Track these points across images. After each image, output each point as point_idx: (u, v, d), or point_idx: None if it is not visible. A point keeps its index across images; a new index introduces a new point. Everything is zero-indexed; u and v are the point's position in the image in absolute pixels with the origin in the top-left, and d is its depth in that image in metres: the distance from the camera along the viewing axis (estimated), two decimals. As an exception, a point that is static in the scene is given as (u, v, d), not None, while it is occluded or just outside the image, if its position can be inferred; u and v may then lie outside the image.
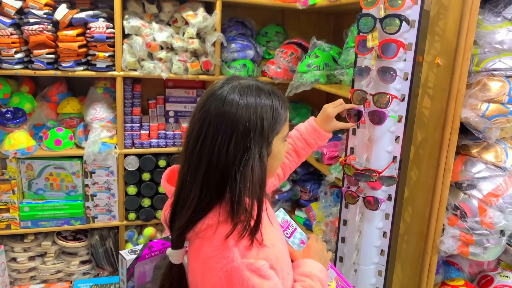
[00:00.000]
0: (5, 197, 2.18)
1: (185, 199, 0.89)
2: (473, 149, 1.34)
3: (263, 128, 0.88)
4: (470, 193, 1.32)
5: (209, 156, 0.86)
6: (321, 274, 1.06)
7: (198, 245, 0.89)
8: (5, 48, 1.96)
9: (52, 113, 2.31)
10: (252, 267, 0.84)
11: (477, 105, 1.25)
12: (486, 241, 1.32)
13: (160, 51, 2.16)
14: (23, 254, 2.30)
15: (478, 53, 1.27)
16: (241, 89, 0.89)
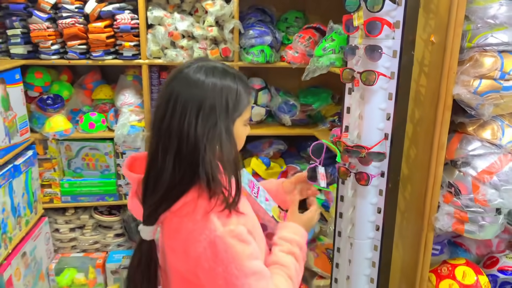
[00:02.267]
0: (47, 175, 2.42)
1: (157, 175, 0.93)
2: (469, 126, 1.34)
3: (228, 107, 0.93)
4: (465, 171, 1.32)
5: (178, 132, 0.91)
6: (302, 239, 1.11)
7: (177, 223, 0.93)
8: (43, 40, 2.18)
9: (87, 99, 2.51)
10: (234, 233, 0.90)
11: (469, 81, 1.24)
12: (482, 219, 1.32)
13: (181, 40, 2.29)
14: (65, 226, 2.55)
15: (471, 29, 1.26)
16: (207, 69, 0.95)
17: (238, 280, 0.90)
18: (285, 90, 2.64)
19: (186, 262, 0.95)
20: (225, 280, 0.90)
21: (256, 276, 0.93)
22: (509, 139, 1.30)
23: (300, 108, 2.56)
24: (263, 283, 0.94)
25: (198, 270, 0.93)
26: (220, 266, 0.89)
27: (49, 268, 2.44)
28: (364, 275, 1.46)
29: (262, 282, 0.94)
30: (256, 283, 0.92)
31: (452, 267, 1.48)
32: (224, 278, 0.90)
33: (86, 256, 2.55)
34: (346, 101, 1.39)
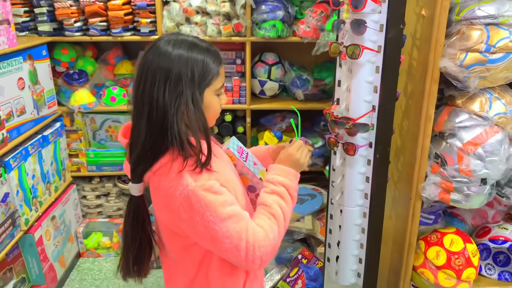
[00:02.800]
0: (74, 145, 2.61)
1: (135, 137, 1.04)
2: (458, 99, 1.35)
3: (193, 77, 1.01)
4: (451, 142, 1.35)
5: (149, 99, 1.00)
6: (287, 177, 1.13)
7: (156, 182, 1.04)
8: (66, 18, 2.32)
9: (110, 74, 2.66)
10: (205, 187, 1.00)
11: (455, 54, 1.26)
12: (467, 189, 1.35)
13: (195, 16, 2.37)
14: (91, 193, 2.75)
15: (459, 2, 1.27)
16: (175, 42, 1.03)
17: (216, 225, 0.99)
18: (300, 65, 2.68)
19: (169, 216, 1.06)
20: (204, 226, 1.00)
21: (232, 219, 1.01)
22: (496, 111, 1.31)
23: (313, 83, 2.60)
24: (241, 223, 1.01)
25: (179, 222, 1.04)
26: (197, 215, 0.99)
27: (78, 231, 2.66)
28: (353, 240, 1.53)
29: (241, 223, 1.01)
30: (234, 225, 1.00)
31: (441, 235, 1.53)
32: (203, 225, 0.99)
33: (110, 222, 2.75)
34: (337, 74, 1.44)
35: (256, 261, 1.01)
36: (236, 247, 1.00)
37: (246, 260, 1.01)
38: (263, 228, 1.03)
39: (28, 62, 2.16)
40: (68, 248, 2.56)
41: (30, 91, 2.17)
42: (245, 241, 1.00)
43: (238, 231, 1.00)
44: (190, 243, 1.10)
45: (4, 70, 1.94)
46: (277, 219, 1.07)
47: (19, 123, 2.07)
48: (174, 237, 1.12)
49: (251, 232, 1.01)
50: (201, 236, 1.02)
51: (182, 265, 1.16)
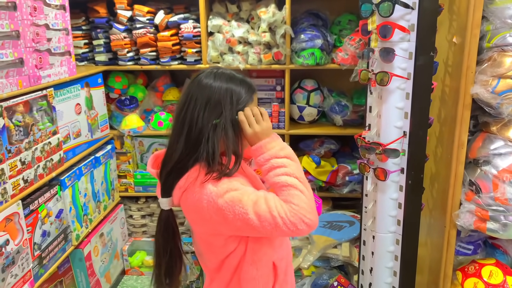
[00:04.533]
0: (123, 166, 2.78)
1: (171, 153, 1.17)
2: (493, 126, 1.33)
3: (232, 102, 1.16)
4: (486, 169, 1.32)
5: (190, 120, 1.15)
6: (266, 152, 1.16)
7: (184, 200, 1.16)
8: (120, 49, 2.53)
9: (158, 100, 2.83)
10: (225, 189, 1.10)
11: (487, 81, 1.25)
12: (504, 218, 1.31)
13: (238, 45, 2.49)
14: (137, 213, 2.89)
15: (491, 29, 1.26)
16: (215, 75, 1.18)
17: (248, 215, 1.07)
18: (339, 91, 2.72)
19: (206, 226, 1.16)
20: (241, 221, 1.08)
21: (258, 203, 1.08)
22: (532, 138, 1.28)
23: (352, 109, 2.62)
24: (268, 203, 1.08)
25: (219, 227, 1.14)
26: (229, 214, 1.08)
27: (123, 249, 2.79)
28: (386, 267, 1.52)
29: (266, 203, 1.08)
30: (262, 207, 1.07)
31: (479, 266, 1.48)
32: (239, 220, 1.08)
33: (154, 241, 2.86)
34: (368, 100, 1.47)
35: (300, 227, 1.07)
36: (276, 225, 1.07)
37: (290, 230, 1.07)
38: (286, 200, 1.09)
39: (85, 89, 2.36)
40: (114, 265, 2.69)
41: (86, 115, 2.36)
42: (279, 217, 1.07)
43: (269, 211, 1.07)
44: (229, 252, 1.20)
45: (64, 96, 2.14)
46: (288, 185, 1.11)
47: (75, 145, 2.26)
48: (211, 248, 1.23)
49: (279, 207, 1.08)
50: (244, 230, 1.11)
51: (219, 272, 1.26)
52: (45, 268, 1.93)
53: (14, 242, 1.67)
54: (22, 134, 1.73)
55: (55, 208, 2.02)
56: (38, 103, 1.84)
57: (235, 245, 1.19)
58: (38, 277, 1.87)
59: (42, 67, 1.89)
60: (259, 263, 1.21)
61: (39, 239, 1.87)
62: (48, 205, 1.95)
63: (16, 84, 1.70)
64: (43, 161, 1.89)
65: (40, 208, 1.88)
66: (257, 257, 1.21)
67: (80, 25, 2.57)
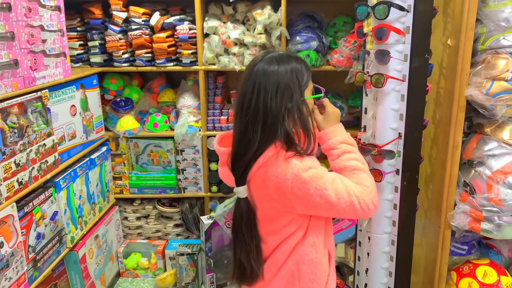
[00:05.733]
0: (118, 168, 2.77)
1: (247, 144, 1.20)
2: (487, 127, 1.35)
3: (299, 83, 1.20)
4: (480, 170, 1.33)
5: (263, 108, 1.18)
6: (337, 136, 1.26)
7: (263, 173, 1.20)
8: (116, 50, 2.52)
9: (154, 102, 2.83)
10: (308, 166, 1.15)
11: (481, 83, 1.26)
12: (498, 218, 1.32)
13: (234, 47, 2.49)
14: (132, 215, 2.88)
15: (485, 32, 1.28)
16: (277, 59, 1.21)
17: (327, 190, 1.13)
18: (334, 93, 2.73)
19: (282, 200, 1.19)
20: (319, 196, 1.14)
21: (336, 181, 1.15)
22: (526, 139, 1.30)
23: (347, 110, 2.63)
24: (345, 182, 1.16)
25: (294, 201, 1.17)
26: (310, 189, 1.14)
27: (118, 251, 2.78)
28: (382, 268, 1.52)
29: (344, 181, 1.16)
30: (340, 185, 1.15)
31: (474, 266, 1.49)
32: (318, 196, 1.14)
33: (149, 243, 2.86)
34: (364, 102, 1.47)
35: (370, 207, 1.16)
36: (351, 203, 1.15)
37: (362, 210, 1.15)
38: (358, 183, 1.17)
39: (80, 90, 2.35)
40: (109, 267, 2.68)
41: (81, 117, 2.35)
42: (354, 196, 1.14)
43: (346, 189, 1.14)
44: (290, 233, 1.25)
45: (59, 98, 2.13)
46: (359, 169, 1.21)
47: (70, 147, 2.24)
48: (275, 228, 1.26)
49: (354, 187, 1.16)
50: (320, 206, 1.16)
51: (271, 256, 1.29)
52: (39, 271, 1.92)
53: (9, 245, 1.66)
54: (17, 136, 1.72)
55: (50, 210, 2.01)
56: (33, 104, 1.83)
57: (297, 226, 1.24)
58: (33, 280, 1.86)
59: (37, 69, 1.88)
60: (319, 246, 1.26)
61: (33, 242, 1.86)
62: (43, 207, 1.94)
63: (10, 85, 1.70)
64: (38, 163, 1.88)
65: (35, 211, 1.87)
66: (318, 240, 1.26)
67: (75, 26, 2.56)
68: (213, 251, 2.53)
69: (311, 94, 1.26)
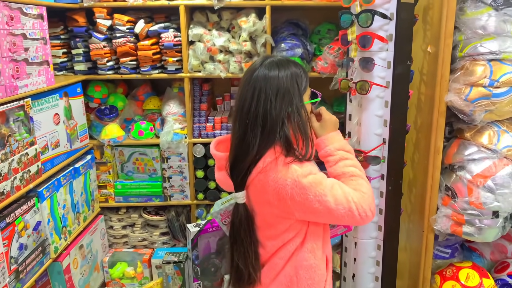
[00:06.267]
0: (103, 177, 2.74)
1: (246, 148, 1.20)
2: (467, 132, 1.38)
3: (299, 87, 1.21)
4: (461, 175, 1.36)
5: (263, 113, 1.19)
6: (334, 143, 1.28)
7: (263, 179, 1.20)
8: (100, 58, 2.51)
9: (139, 110, 2.81)
10: (307, 172, 1.16)
11: (460, 89, 1.29)
12: (479, 221, 1.35)
13: (219, 54, 2.50)
14: (118, 224, 2.85)
15: (463, 39, 1.31)
16: (277, 64, 1.22)
17: (327, 196, 1.15)
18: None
19: (281, 205, 1.19)
20: (319, 202, 1.15)
21: (335, 187, 1.17)
22: (505, 144, 1.33)
23: (332, 117, 2.65)
24: (343, 188, 1.17)
25: (293, 207, 1.18)
26: (309, 194, 1.15)
27: (104, 261, 2.74)
28: (368, 273, 1.54)
29: (343, 188, 1.17)
30: (339, 191, 1.16)
31: (457, 269, 1.51)
32: (317, 201, 1.15)
33: (135, 252, 2.82)
34: (348, 108, 1.49)
35: (368, 214, 1.17)
36: (349, 209, 1.15)
37: (360, 216, 1.16)
38: (356, 189, 1.18)
39: (64, 99, 2.32)
40: (94, 277, 2.64)
41: (65, 125, 2.33)
42: (353, 202, 1.15)
43: (344, 196, 1.16)
44: (288, 239, 1.25)
45: (42, 106, 2.10)
46: (357, 175, 1.22)
47: (53, 156, 2.22)
48: (273, 233, 1.26)
49: (352, 194, 1.16)
50: (319, 212, 1.16)
51: (269, 262, 1.29)
52: (22, 282, 1.88)
53: (-10, 256, 1.63)
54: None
55: (33, 221, 1.97)
56: (15, 113, 1.81)
57: (295, 232, 1.24)
58: (15, 291, 1.83)
59: (19, 77, 1.86)
60: (317, 252, 1.26)
61: (15, 253, 1.82)
62: (25, 217, 1.90)
63: (-8, 94, 1.67)
64: (20, 173, 1.85)
65: (17, 221, 1.83)
66: (316, 245, 1.26)
67: (59, 34, 2.54)
68: (200, 259, 2.51)
69: (309, 99, 1.28)
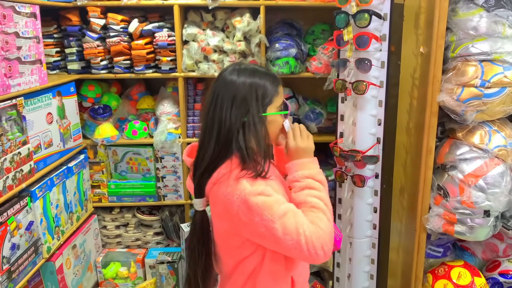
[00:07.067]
0: (97, 176, 2.73)
1: (203, 154, 1.18)
2: (459, 132, 1.39)
3: (258, 97, 1.15)
4: (452, 174, 1.37)
5: (218, 120, 1.14)
6: (304, 170, 1.17)
7: (216, 191, 1.15)
8: (93, 57, 2.50)
9: (133, 109, 2.80)
10: (259, 191, 1.09)
11: (452, 89, 1.31)
12: (470, 221, 1.36)
13: (213, 54, 2.50)
14: (111, 223, 2.84)
15: (455, 40, 1.33)
16: (239, 71, 1.18)
17: (275, 223, 1.06)
18: (313, 99, 2.76)
19: (229, 222, 1.14)
20: (265, 227, 1.07)
21: (288, 215, 1.07)
22: (496, 144, 1.34)
23: (326, 116, 2.66)
24: (297, 218, 1.08)
25: (240, 227, 1.12)
26: (256, 217, 1.07)
27: (97, 261, 2.73)
28: (364, 272, 1.55)
29: (296, 218, 1.08)
30: (291, 220, 1.07)
31: (449, 268, 1.52)
32: (263, 226, 1.07)
33: (128, 252, 2.82)
34: (340, 109, 1.50)
35: (319, 252, 1.05)
36: (297, 242, 1.05)
37: (309, 253, 1.04)
38: (313, 222, 1.08)
39: (57, 98, 2.31)
40: (87, 277, 2.63)
41: (58, 125, 2.31)
42: (303, 235, 1.05)
43: (295, 226, 1.06)
44: (244, 256, 1.19)
45: (35, 105, 2.09)
46: (318, 208, 1.12)
47: (46, 155, 2.20)
48: (228, 248, 1.21)
49: (306, 226, 1.06)
50: (264, 237, 1.09)
51: (232, 277, 1.24)
52: (14, 282, 1.87)
53: (-18, 256, 1.62)
54: (-9, 144, 1.68)
55: (25, 220, 1.96)
56: (7, 112, 1.80)
57: (252, 250, 1.17)
58: (7, 291, 1.81)
59: (12, 76, 1.84)
60: (277, 275, 1.18)
61: (7, 253, 1.81)
62: (18, 217, 1.89)
63: (-16, 93, 1.66)
64: (13, 172, 1.84)
65: (9, 221, 1.82)
66: (275, 268, 1.17)
67: (52, 33, 2.52)
68: (194, 258, 2.51)
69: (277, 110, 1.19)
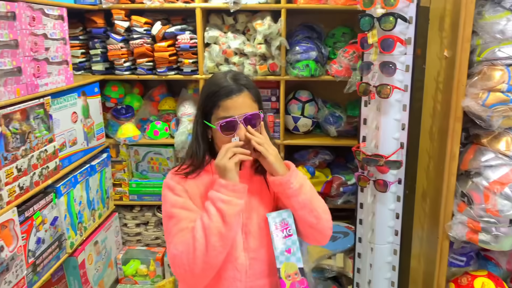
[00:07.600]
0: (118, 175, 2.78)
1: None
2: (484, 138, 1.36)
3: (200, 106, 1.23)
4: (477, 181, 1.35)
5: None
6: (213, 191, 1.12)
7: None
8: (117, 58, 2.55)
9: (154, 110, 2.85)
10: (170, 185, 1.21)
11: (477, 94, 1.29)
12: (495, 229, 1.33)
13: (234, 56, 2.52)
14: (131, 222, 2.89)
15: (481, 43, 1.30)
16: (213, 74, 1.32)
17: (163, 219, 1.21)
18: (333, 102, 2.75)
19: None
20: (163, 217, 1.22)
21: (173, 221, 1.16)
22: (522, 150, 1.31)
23: (346, 120, 2.66)
24: (178, 227, 1.13)
25: None
26: (163, 205, 1.22)
27: (117, 258, 2.78)
28: (385, 278, 1.53)
29: (178, 226, 1.13)
30: (171, 225, 1.16)
31: (472, 278, 1.49)
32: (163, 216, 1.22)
33: (148, 250, 2.86)
34: (362, 113, 1.49)
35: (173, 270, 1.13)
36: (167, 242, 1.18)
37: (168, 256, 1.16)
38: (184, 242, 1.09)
39: (82, 98, 2.37)
40: (108, 273, 2.68)
41: (82, 124, 2.37)
42: (169, 242, 1.15)
43: (171, 232, 1.15)
44: None
45: (61, 105, 2.15)
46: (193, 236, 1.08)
47: (71, 153, 2.26)
48: None
49: (177, 238, 1.12)
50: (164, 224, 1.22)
51: None
52: (39, 275, 1.92)
53: (9, 249, 1.67)
54: (19, 142, 1.73)
55: (50, 216, 2.01)
56: (35, 111, 1.85)
57: None
58: (32, 284, 1.86)
59: (40, 76, 1.90)
60: None
61: (33, 246, 1.87)
62: (43, 212, 1.95)
63: (14, 92, 1.72)
64: (39, 169, 1.89)
65: (35, 215, 1.88)
66: None
67: (78, 35, 2.59)
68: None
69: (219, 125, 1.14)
